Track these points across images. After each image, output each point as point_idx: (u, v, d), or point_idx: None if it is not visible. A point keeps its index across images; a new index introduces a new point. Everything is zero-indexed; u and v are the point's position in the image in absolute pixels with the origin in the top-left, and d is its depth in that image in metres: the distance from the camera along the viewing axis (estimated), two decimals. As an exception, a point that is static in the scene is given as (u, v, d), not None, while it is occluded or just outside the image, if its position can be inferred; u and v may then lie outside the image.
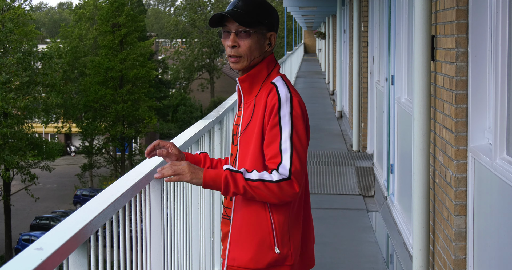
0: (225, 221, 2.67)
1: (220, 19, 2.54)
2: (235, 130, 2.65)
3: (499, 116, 3.29)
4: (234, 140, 2.64)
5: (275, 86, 2.55)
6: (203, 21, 60.97)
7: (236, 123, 2.65)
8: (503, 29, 3.32)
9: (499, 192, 3.29)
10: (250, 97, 2.58)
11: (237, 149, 2.58)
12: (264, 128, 2.50)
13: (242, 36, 2.51)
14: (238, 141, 2.57)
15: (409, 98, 5.85)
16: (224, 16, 2.52)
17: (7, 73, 29.28)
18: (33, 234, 29.46)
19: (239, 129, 2.59)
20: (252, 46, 2.52)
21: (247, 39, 2.51)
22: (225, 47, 2.55)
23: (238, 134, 2.60)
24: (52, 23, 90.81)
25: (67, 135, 49.87)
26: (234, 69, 2.58)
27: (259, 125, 2.51)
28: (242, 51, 2.52)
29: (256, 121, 2.52)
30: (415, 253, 4.26)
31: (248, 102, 2.59)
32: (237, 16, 2.49)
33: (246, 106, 2.59)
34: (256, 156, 2.50)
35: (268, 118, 2.48)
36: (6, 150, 29.07)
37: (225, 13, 2.50)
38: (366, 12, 9.81)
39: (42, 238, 1.89)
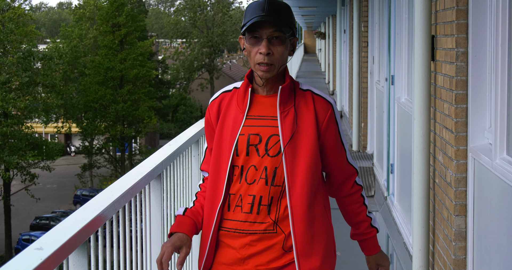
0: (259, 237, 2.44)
1: None
2: (247, 140, 2.43)
3: (499, 116, 3.29)
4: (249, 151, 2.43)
5: (312, 93, 2.49)
6: (203, 21, 60.93)
7: (253, 132, 2.44)
8: (503, 29, 3.32)
9: (499, 192, 3.29)
10: (287, 106, 2.44)
11: (279, 160, 2.40)
12: (319, 138, 2.45)
13: (275, 43, 2.38)
14: (283, 152, 2.39)
15: (409, 98, 5.85)
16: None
17: (7, 73, 29.27)
18: (33, 234, 29.45)
19: (265, 140, 2.42)
20: (284, 53, 2.41)
21: (281, 46, 2.39)
22: (253, 54, 2.40)
23: (265, 144, 2.42)
24: (52, 23, 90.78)
25: (67, 135, 49.86)
26: (264, 78, 2.41)
27: (312, 135, 2.43)
28: (275, 59, 2.39)
29: (305, 131, 2.42)
30: (415, 253, 4.26)
31: (285, 112, 2.43)
32: (277, 22, 2.36)
33: (282, 115, 2.42)
34: (311, 166, 2.42)
35: (326, 129, 2.45)
36: (6, 150, 29.07)
37: (265, 19, 2.35)
38: (366, 12, 9.81)
39: (42, 238, 1.89)
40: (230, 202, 2.46)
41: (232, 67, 66.45)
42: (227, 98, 2.52)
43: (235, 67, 66.53)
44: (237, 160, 2.44)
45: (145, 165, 2.98)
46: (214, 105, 2.54)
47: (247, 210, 2.43)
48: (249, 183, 2.43)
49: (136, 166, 2.98)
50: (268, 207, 2.41)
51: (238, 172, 2.44)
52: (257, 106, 2.47)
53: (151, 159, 3.12)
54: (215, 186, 2.47)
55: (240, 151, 2.44)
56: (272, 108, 2.45)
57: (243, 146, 2.43)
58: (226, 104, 2.51)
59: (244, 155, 2.43)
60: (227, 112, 2.49)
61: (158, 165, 3.03)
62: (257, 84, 2.47)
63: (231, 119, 2.47)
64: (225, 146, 2.46)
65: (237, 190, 2.45)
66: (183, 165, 3.67)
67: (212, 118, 2.52)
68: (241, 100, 2.48)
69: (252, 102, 2.47)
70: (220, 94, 2.56)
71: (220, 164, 2.47)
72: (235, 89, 2.54)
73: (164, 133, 53.11)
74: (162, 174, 3.15)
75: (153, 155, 3.22)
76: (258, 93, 2.48)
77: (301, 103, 2.45)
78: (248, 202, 2.43)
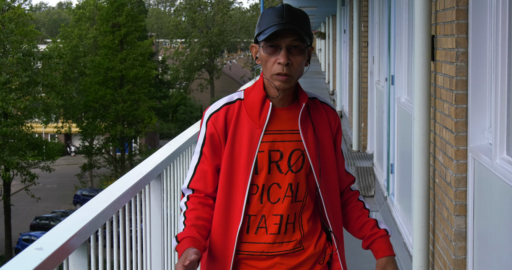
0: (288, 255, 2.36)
1: None
2: (269, 157, 2.29)
3: (499, 116, 3.29)
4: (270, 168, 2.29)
5: (319, 101, 2.41)
6: (203, 21, 60.93)
7: (273, 148, 2.29)
8: (503, 29, 3.31)
9: (499, 192, 3.29)
10: (306, 119, 2.33)
11: (301, 175, 2.31)
12: (334, 149, 2.42)
13: (294, 52, 2.23)
14: (312, 168, 2.31)
15: (409, 98, 5.85)
16: None
17: (7, 73, 29.27)
18: (33, 234, 29.45)
19: (287, 156, 2.29)
20: (302, 63, 2.26)
21: (300, 56, 2.24)
22: (269, 64, 2.24)
23: (287, 160, 2.29)
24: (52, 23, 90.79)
25: (67, 135, 49.86)
26: (281, 89, 2.26)
27: (331, 146, 2.39)
28: (293, 69, 2.24)
29: (325, 143, 2.37)
30: (415, 253, 4.26)
31: (305, 125, 2.31)
32: (298, 31, 2.21)
33: (304, 130, 2.30)
34: (336, 179, 2.43)
35: (335, 138, 2.42)
36: (6, 150, 29.06)
37: (287, 27, 2.20)
38: (366, 12, 9.81)
39: (42, 238, 1.89)
40: (250, 224, 2.31)
41: (232, 67, 66.44)
42: (232, 110, 2.32)
43: (235, 67, 66.52)
44: (256, 179, 2.29)
45: (145, 165, 2.98)
46: (219, 118, 2.31)
47: (275, 231, 2.31)
48: (273, 202, 2.30)
49: (136, 166, 2.98)
50: (293, 224, 2.33)
51: (259, 191, 2.29)
52: (274, 120, 2.31)
53: (151, 159, 3.12)
54: (227, 207, 2.29)
55: (259, 169, 2.28)
56: (290, 121, 2.31)
57: (264, 163, 2.28)
58: (234, 117, 2.30)
59: (265, 173, 2.28)
60: (237, 127, 2.30)
61: (158, 165, 3.03)
62: (271, 95, 2.30)
63: (246, 134, 2.28)
64: (241, 164, 2.28)
65: (258, 211, 2.30)
66: (183, 165, 3.67)
67: (220, 133, 2.31)
68: (256, 113, 2.29)
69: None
70: (224, 106, 2.33)
71: (234, 184, 2.29)
72: (239, 100, 2.33)
73: (164, 133, 53.11)
74: (162, 174, 3.15)
75: (153, 155, 3.22)
76: (274, 105, 2.32)
77: (315, 114, 2.37)
78: (274, 222, 2.31)
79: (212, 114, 2.33)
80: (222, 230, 2.30)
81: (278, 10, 2.25)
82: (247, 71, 63.07)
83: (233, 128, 2.29)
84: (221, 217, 2.30)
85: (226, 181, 2.29)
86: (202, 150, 2.33)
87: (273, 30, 2.19)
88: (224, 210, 2.29)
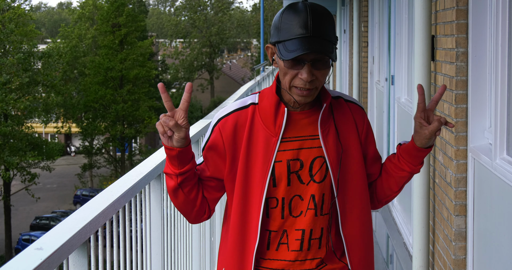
0: None
1: None
2: (287, 167, 2.07)
3: (499, 116, 3.29)
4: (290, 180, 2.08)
5: (344, 99, 2.17)
6: (203, 21, 60.92)
7: (291, 157, 2.07)
8: (503, 29, 3.31)
9: (499, 192, 3.29)
10: (327, 123, 2.10)
11: (327, 185, 2.10)
12: (363, 151, 2.18)
13: (319, 66, 1.99)
14: (332, 176, 2.08)
15: (409, 98, 5.85)
16: None
17: (8, 73, 29.27)
18: (33, 234, 29.45)
19: (308, 164, 2.08)
20: (327, 74, 2.03)
21: (325, 69, 2.01)
22: (289, 76, 2.00)
23: (308, 169, 2.08)
24: (52, 23, 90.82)
25: (67, 135, 49.85)
26: (301, 103, 2.03)
27: (357, 151, 2.14)
28: (317, 82, 2.01)
29: (350, 148, 2.13)
30: (415, 253, 4.26)
31: (325, 129, 2.09)
32: (324, 48, 1.96)
33: (324, 134, 2.08)
34: (363, 188, 2.16)
35: (365, 139, 2.18)
36: (6, 150, 29.07)
37: (310, 49, 1.93)
38: (366, 12, 9.81)
39: (42, 238, 1.89)
40: (270, 240, 2.12)
41: (232, 67, 66.43)
42: (245, 117, 2.09)
43: (235, 67, 66.52)
44: (274, 192, 2.08)
45: (145, 165, 2.98)
46: (228, 125, 2.09)
47: (296, 248, 2.10)
48: (294, 216, 2.09)
49: (136, 166, 2.98)
50: (319, 240, 2.11)
51: (279, 205, 2.08)
52: (292, 126, 2.08)
53: (151, 159, 3.12)
54: (244, 223, 2.10)
55: (278, 180, 2.07)
56: (309, 126, 2.09)
57: (282, 174, 2.07)
58: (248, 125, 2.08)
59: (285, 185, 2.07)
60: (252, 135, 2.08)
61: (158, 165, 3.03)
62: (286, 100, 2.09)
63: (261, 143, 2.06)
64: (256, 176, 2.07)
65: (279, 226, 2.10)
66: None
67: (226, 141, 2.08)
68: (271, 120, 2.07)
69: (285, 122, 2.08)
70: (234, 111, 2.10)
71: (250, 198, 2.08)
72: (253, 105, 2.10)
73: (164, 133, 53.02)
74: (162, 174, 3.15)
75: (153, 155, 3.22)
76: (290, 109, 2.09)
77: (339, 115, 2.13)
78: (296, 238, 2.10)
79: (221, 119, 2.11)
80: (239, 248, 2.11)
81: (300, 15, 1.97)
82: (247, 71, 63.05)
83: (247, 136, 2.07)
84: (237, 234, 2.11)
85: (242, 195, 2.09)
86: (204, 154, 2.15)
87: (298, 54, 1.93)
88: (240, 226, 2.10)
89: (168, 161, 2.05)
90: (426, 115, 2.11)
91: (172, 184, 2.09)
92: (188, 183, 2.09)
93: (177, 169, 2.04)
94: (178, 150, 1.99)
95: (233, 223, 2.11)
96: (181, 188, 2.09)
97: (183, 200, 2.12)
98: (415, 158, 2.15)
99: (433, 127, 2.08)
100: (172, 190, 2.11)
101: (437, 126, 2.08)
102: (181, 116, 1.96)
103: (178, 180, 2.06)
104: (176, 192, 2.11)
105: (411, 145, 2.14)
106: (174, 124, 1.94)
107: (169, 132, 1.95)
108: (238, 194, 2.09)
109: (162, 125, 1.95)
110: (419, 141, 2.12)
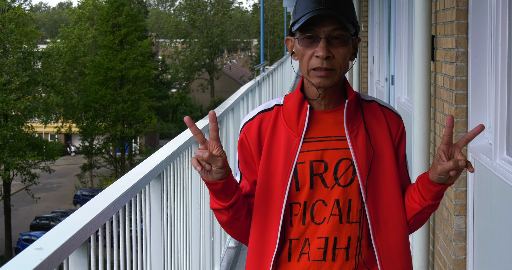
0: None
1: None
2: (310, 169, 1.94)
3: (499, 116, 3.29)
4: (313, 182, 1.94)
5: (379, 104, 2.03)
6: (203, 21, 60.93)
7: (315, 158, 1.94)
8: (503, 29, 3.31)
9: (499, 192, 3.29)
10: (355, 124, 1.96)
11: (353, 190, 1.94)
12: (397, 159, 2.02)
13: (336, 44, 1.88)
14: (360, 181, 1.93)
15: (409, 98, 5.85)
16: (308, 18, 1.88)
17: (7, 73, 29.28)
18: (33, 234, 29.47)
19: (333, 166, 1.94)
20: (346, 56, 1.91)
21: (342, 47, 1.89)
22: (306, 58, 1.91)
23: (333, 172, 1.94)
24: (52, 23, 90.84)
25: (67, 135, 49.87)
26: (322, 87, 1.91)
27: (391, 156, 1.98)
28: (336, 63, 1.89)
29: (383, 153, 1.97)
30: (415, 253, 4.26)
31: (354, 130, 1.96)
32: (338, 17, 1.87)
33: (352, 135, 1.95)
34: (398, 195, 1.98)
35: (398, 148, 2.02)
36: (6, 151, 29.08)
37: (324, 13, 1.86)
38: (366, 12, 9.81)
39: (42, 238, 1.89)
40: (291, 250, 1.96)
41: (232, 67, 66.45)
42: (269, 118, 2.00)
43: (235, 67, 66.54)
44: (297, 196, 1.94)
45: (145, 165, 2.97)
46: (252, 128, 2.00)
47: (319, 257, 1.94)
48: (317, 223, 1.94)
49: (136, 166, 2.98)
50: (346, 250, 1.94)
51: (300, 210, 1.94)
52: (316, 125, 1.96)
53: (151, 159, 3.11)
54: (263, 229, 1.97)
55: (301, 184, 1.93)
56: (335, 126, 1.96)
57: (305, 177, 1.93)
58: (270, 126, 1.98)
59: (308, 188, 1.93)
60: (273, 137, 1.98)
61: (158, 165, 3.02)
62: (311, 97, 1.97)
63: (282, 144, 1.96)
64: (277, 179, 1.95)
65: (301, 234, 1.95)
66: (183, 165, 3.67)
67: (252, 144, 2.00)
68: (294, 119, 1.96)
69: (309, 121, 1.96)
70: (258, 113, 2.02)
71: (271, 204, 1.96)
72: (277, 106, 2.01)
73: (164, 133, 53.12)
74: (162, 174, 3.15)
75: (153, 155, 3.22)
76: (314, 108, 1.97)
77: (370, 118, 1.99)
78: (318, 246, 1.94)
79: (246, 122, 2.03)
80: (257, 258, 1.98)
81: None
82: (247, 71, 63.07)
83: (268, 138, 1.97)
84: (256, 243, 1.98)
85: (261, 199, 1.97)
86: (238, 159, 2.05)
87: (308, 17, 1.85)
88: (260, 234, 1.97)
89: (213, 196, 1.92)
90: (452, 150, 1.89)
91: (224, 218, 1.96)
92: (241, 212, 1.96)
93: (225, 202, 1.91)
94: (221, 182, 1.85)
95: (253, 230, 1.99)
96: (237, 219, 1.97)
97: (241, 229, 2.01)
98: (426, 190, 1.94)
99: (447, 165, 1.85)
100: (226, 224, 1.99)
101: (452, 166, 1.84)
102: (215, 146, 1.84)
103: (230, 213, 1.94)
104: (232, 225, 1.98)
105: (425, 174, 1.95)
106: (209, 155, 1.80)
107: (207, 166, 1.82)
108: (259, 200, 1.97)
109: (198, 160, 1.82)
110: (431, 174, 1.91)
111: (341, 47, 1.89)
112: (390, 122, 2.01)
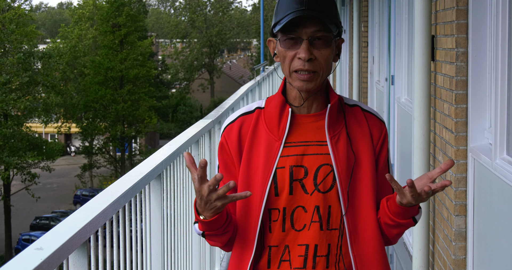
0: None
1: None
2: (290, 174, 1.90)
3: (499, 116, 3.29)
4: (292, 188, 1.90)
5: (361, 108, 2.00)
6: (202, 21, 60.92)
7: (295, 163, 1.90)
8: (503, 29, 3.31)
9: (499, 192, 3.29)
10: (337, 128, 1.93)
11: (333, 196, 1.91)
12: (377, 165, 1.97)
13: (318, 45, 1.85)
14: (339, 187, 1.90)
15: (409, 98, 5.85)
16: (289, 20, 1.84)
17: (8, 73, 29.28)
18: (33, 234, 29.47)
19: (313, 172, 1.90)
20: (329, 57, 1.87)
21: (326, 49, 1.86)
22: (288, 60, 1.87)
23: (313, 177, 1.90)
24: (52, 23, 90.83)
25: (67, 135, 49.87)
26: (304, 90, 1.88)
27: (371, 163, 1.94)
28: (318, 65, 1.86)
29: (363, 159, 1.93)
30: (415, 253, 4.26)
31: (335, 136, 1.92)
32: (321, 18, 1.83)
33: (333, 141, 1.91)
34: (373, 206, 1.94)
35: (378, 154, 1.97)
36: (6, 151, 29.08)
37: (306, 14, 1.82)
38: (366, 12, 9.81)
39: (42, 238, 1.89)
40: (271, 257, 1.93)
41: (232, 67, 66.45)
42: (249, 122, 1.97)
43: (235, 67, 66.53)
44: (276, 202, 1.90)
45: (145, 165, 2.98)
46: (233, 131, 1.97)
47: (299, 265, 1.91)
48: (297, 229, 1.91)
49: (136, 166, 2.98)
50: (326, 258, 1.91)
51: (280, 217, 1.91)
52: (297, 130, 1.93)
53: (151, 159, 3.11)
54: (243, 235, 1.94)
55: (280, 189, 1.90)
56: (317, 131, 1.92)
57: (285, 182, 1.90)
58: (251, 130, 1.95)
59: (287, 194, 1.89)
60: (254, 140, 1.94)
61: (158, 165, 3.02)
62: (293, 100, 1.94)
63: (263, 148, 1.92)
64: (256, 184, 1.91)
65: (280, 241, 1.92)
66: (183, 165, 3.67)
67: (232, 148, 1.96)
68: (275, 123, 1.93)
69: (290, 125, 1.92)
70: (239, 116, 1.99)
71: (249, 208, 1.92)
72: (258, 109, 1.98)
73: (164, 133, 53.12)
74: (162, 174, 3.15)
75: (153, 155, 3.22)
76: (296, 112, 1.94)
77: (353, 123, 1.96)
78: (299, 254, 1.91)
79: (227, 126, 2.00)
80: (237, 264, 1.95)
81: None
82: (247, 71, 63.06)
83: (249, 142, 1.94)
84: (236, 248, 1.95)
85: (242, 204, 1.93)
86: (218, 164, 2.02)
87: (290, 18, 1.82)
88: (239, 239, 1.94)
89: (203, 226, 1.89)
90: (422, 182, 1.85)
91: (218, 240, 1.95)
92: (229, 227, 1.93)
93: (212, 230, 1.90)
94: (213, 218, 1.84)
95: (236, 236, 1.96)
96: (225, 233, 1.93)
97: (228, 238, 1.97)
98: (390, 204, 1.91)
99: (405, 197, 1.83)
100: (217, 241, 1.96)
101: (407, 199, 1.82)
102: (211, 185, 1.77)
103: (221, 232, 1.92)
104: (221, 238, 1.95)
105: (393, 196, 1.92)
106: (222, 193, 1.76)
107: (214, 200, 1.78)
108: (239, 204, 1.94)
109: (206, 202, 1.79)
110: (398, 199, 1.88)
111: (324, 48, 1.86)
112: (372, 127, 1.98)
